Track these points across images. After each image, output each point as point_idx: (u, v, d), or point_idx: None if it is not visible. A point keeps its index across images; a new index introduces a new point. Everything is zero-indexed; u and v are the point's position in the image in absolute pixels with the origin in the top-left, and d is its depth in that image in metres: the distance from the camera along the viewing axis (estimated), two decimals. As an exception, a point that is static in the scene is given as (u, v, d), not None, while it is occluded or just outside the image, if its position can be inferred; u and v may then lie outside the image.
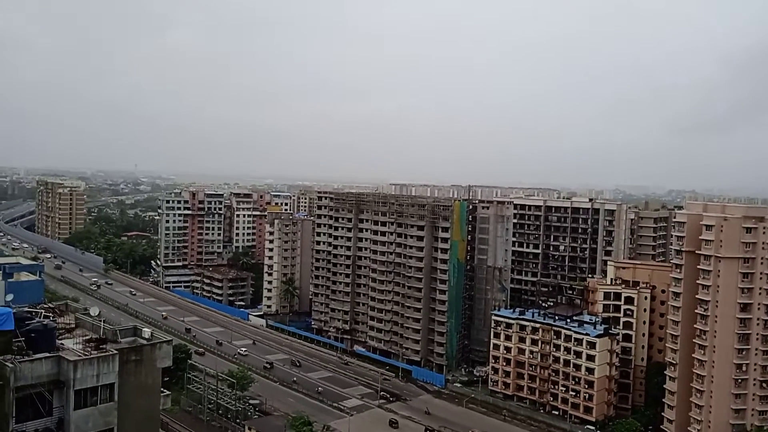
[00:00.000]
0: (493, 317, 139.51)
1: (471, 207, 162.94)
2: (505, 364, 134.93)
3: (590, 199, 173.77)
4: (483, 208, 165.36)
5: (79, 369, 36.01)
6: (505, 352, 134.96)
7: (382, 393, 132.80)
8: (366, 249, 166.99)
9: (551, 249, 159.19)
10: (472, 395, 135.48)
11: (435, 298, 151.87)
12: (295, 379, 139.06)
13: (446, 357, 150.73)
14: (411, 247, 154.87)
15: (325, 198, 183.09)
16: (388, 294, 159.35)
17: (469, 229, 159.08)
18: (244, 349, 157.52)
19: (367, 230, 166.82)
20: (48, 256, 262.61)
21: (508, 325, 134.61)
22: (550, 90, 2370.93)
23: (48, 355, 36.83)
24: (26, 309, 44.89)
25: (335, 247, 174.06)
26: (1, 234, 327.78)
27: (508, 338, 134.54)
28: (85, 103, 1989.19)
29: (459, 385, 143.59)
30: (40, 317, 43.47)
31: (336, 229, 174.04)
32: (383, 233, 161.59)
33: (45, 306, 50.09)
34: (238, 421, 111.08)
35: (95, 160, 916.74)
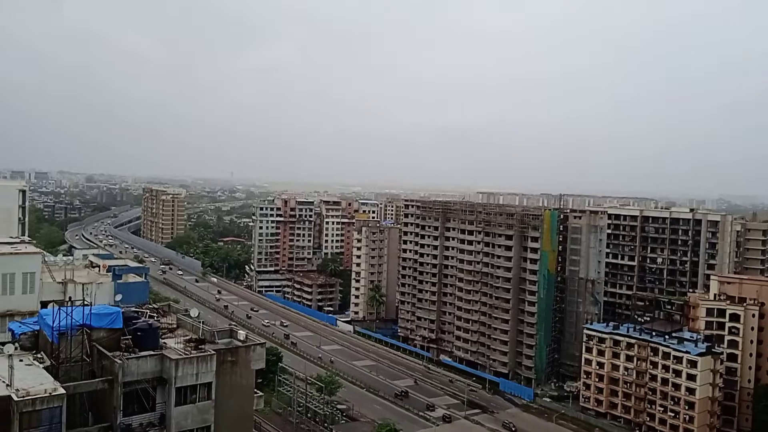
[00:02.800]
0: (585, 331, 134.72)
1: (562, 216, 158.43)
2: (597, 380, 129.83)
3: (691, 210, 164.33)
4: (575, 217, 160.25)
5: (180, 367, 37.81)
6: (597, 367, 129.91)
7: (468, 404, 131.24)
8: (452, 258, 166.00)
9: (648, 261, 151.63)
10: (562, 411, 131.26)
11: (524, 309, 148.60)
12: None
13: (535, 370, 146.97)
14: (499, 256, 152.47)
15: (412, 206, 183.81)
16: (475, 304, 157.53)
17: (560, 239, 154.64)
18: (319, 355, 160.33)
19: (453, 239, 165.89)
20: (168, 267, 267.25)
21: (601, 340, 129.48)
22: (649, 96, 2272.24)
23: (152, 353, 38.93)
24: (133, 309, 47.67)
25: (421, 255, 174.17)
26: (111, 237, 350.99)
27: (600, 353, 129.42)
28: (187, 116, 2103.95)
29: (548, 399, 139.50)
30: (145, 317, 46.17)
31: (422, 237, 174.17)
32: (470, 242, 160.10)
33: (150, 306, 53.15)
34: (326, 425, 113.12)
35: (195, 169, 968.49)
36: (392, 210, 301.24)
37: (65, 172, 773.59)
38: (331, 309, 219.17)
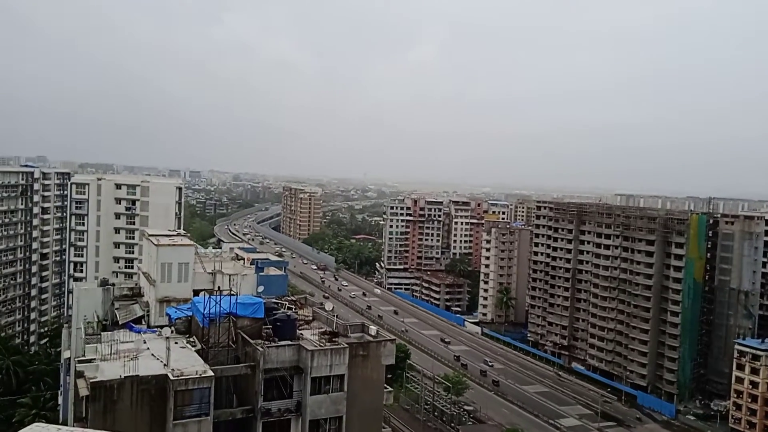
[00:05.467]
0: (737, 347, 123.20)
1: (711, 221, 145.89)
2: (750, 400, 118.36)
3: None
4: (726, 223, 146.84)
5: (315, 358, 39.53)
6: (750, 386, 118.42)
7: (602, 416, 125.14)
8: (587, 262, 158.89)
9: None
10: (709, 431, 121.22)
11: (665, 319, 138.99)
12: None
13: (677, 385, 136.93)
14: (638, 262, 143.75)
15: (545, 207, 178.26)
16: (611, 311, 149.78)
17: (709, 246, 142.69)
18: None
19: (588, 243, 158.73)
20: (325, 273, 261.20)
21: (756, 357, 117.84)
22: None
23: (290, 343, 41.10)
24: (273, 300, 50.59)
25: (554, 258, 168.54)
26: (255, 233, 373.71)
27: (754, 372, 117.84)
28: (328, 118, 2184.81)
29: (692, 417, 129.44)
30: (284, 308, 48.88)
31: (555, 240, 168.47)
32: (607, 246, 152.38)
33: (288, 299, 56.07)
34: (452, 425, 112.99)
35: (331, 169, 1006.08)
36: (523, 211, 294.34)
37: (215, 171, 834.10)
38: (459, 309, 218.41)
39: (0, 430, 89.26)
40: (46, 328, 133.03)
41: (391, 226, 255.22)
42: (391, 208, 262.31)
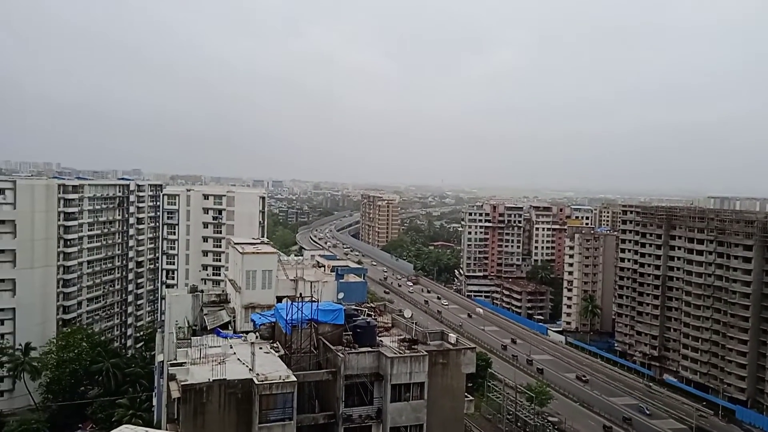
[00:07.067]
0: None
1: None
2: None
3: None
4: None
5: (395, 365, 39.59)
6: None
7: (697, 430, 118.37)
8: (678, 269, 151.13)
9: None
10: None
11: (766, 329, 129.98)
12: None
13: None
14: (735, 269, 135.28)
15: (631, 212, 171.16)
16: (705, 320, 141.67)
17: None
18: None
19: (679, 248, 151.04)
20: (415, 286, 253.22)
21: None
22: None
23: (370, 349, 41.36)
24: (353, 307, 51.16)
25: (642, 265, 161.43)
26: (335, 240, 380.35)
27: None
28: (407, 124, 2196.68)
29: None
30: (363, 315, 49.30)
31: (643, 245, 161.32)
32: (700, 252, 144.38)
33: (367, 305, 56.56)
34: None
35: (408, 176, 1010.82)
36: (608, 216, 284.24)
37: (297, 181, 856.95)
38: (541, 317, 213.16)
39: (102, 428, 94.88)
40: (141, 333, 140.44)
41: (469, 233, 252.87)
42: (470, 214, 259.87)
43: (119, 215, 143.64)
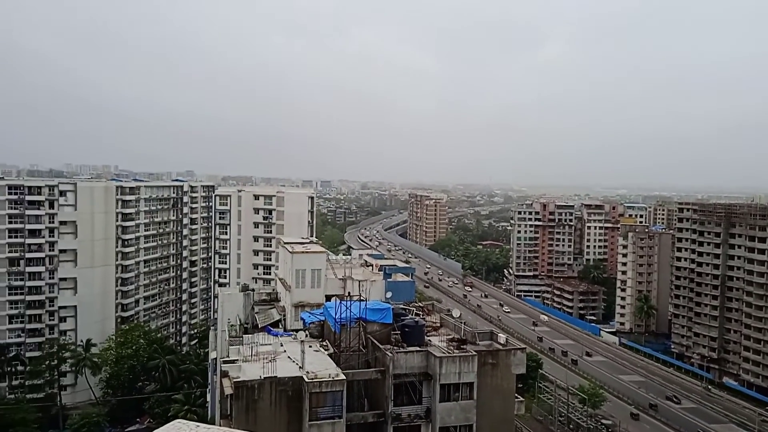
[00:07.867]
0: None
1: None
2: None
3: None
4: None
5: (444, 365, 39.44)
6: None
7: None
8: (739, 268, 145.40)
9: None
10: None
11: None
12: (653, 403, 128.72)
13: None
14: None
15: (688, 209, 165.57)
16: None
17: None
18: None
19: (740, 247, 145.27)
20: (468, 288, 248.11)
21: None
22: None
23: (419, 349, 41.33)
24: (401, 306, 51.22)
25: (699, 264, 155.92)
26: (383, 239, 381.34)
27: None
28: (452, 123, 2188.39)
29: None
30: (412, 314, 49.26)
31: (700, 244, 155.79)
32: (762, 251, 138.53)
33: (415, 305, 56.50)
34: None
35: (456, 174, 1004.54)
36: (663, 214, 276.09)
37: (344, 180, 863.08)
38: (594, 318, 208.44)
39: (158, 423, 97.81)
40: (195, 330, 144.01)
41: (519, 232, 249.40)
42: (519, 213, 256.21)
43: (173, 216, 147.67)
